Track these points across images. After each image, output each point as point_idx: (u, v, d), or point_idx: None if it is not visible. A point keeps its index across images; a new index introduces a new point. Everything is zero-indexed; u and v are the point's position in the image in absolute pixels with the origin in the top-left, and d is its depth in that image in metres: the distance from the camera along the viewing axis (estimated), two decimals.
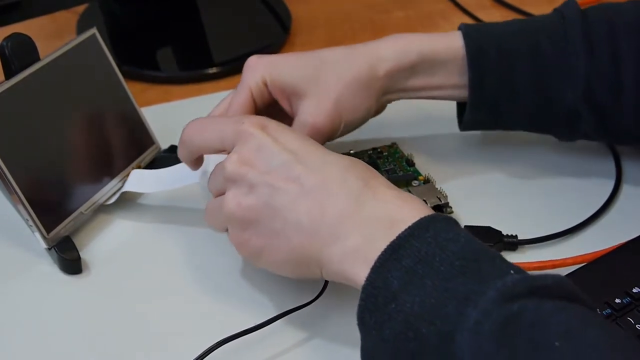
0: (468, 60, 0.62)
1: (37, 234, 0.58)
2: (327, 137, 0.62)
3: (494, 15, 0.90)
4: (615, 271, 0.58)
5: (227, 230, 0.54)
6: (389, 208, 0.49)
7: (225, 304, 0.57)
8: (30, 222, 0.58)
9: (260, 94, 0.62)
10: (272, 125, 0.53)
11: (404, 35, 0.64)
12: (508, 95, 0.63)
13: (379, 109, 0.65)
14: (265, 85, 0.62)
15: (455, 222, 0.49)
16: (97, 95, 0.64)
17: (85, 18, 0.87)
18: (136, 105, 0.67)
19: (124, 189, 0.63)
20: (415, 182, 0.64)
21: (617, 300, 0.55)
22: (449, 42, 0.63)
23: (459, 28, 0.64)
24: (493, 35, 0.63)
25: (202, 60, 0.82)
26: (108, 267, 0.60)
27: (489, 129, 0.67)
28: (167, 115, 0.74)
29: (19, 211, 0.58)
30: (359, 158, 0.66)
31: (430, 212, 0.49)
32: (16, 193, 0.57)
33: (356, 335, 0.54)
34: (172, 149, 0.68)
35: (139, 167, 0.65)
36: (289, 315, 0.54)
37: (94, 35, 0.65)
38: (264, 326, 0.53)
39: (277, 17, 0.89)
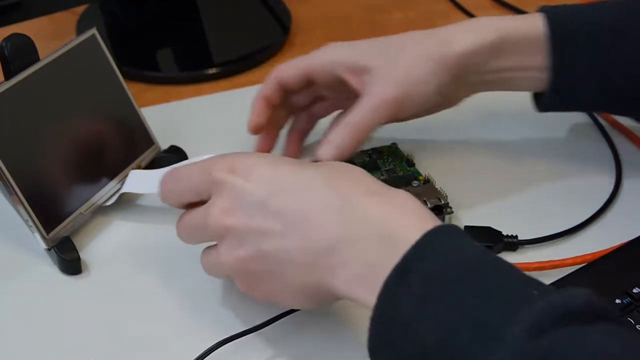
0: (551, 41, 0.60)
1: (37, 235, 0.58)
2: (394, 110, 0.60)
3: (494, 15, 0.90)
4: (615, 271, 0.58)
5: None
6: (379, 221, 0.46)
7: (225, 304, 0.57)
8: (30, 223, 0.58)
9: (323, 73, 0.63)
10: (239, 163, 0.51)
11: (482, 18, 0.63)
12: (598, 77, 0.61)
13: (455, 95, 0.63)
14: (332, 65, 0.63)
15: (460, 232, 0.45)
16: (96, 95, 0.64)
17: (85, 18, 0.87)
18: (136, 106, 0.67)
19: (123, 190, 0.63)
20: (415, 182, 0.64)
21: (617, 301, 0.55)
22: (530, 22, 0.61)
23: (540, 9, 0.63)
24: (577, 15, 0.61)
25: (202, 61, 0.82)
26: (108, 268, 0.60)
27: (571, 110, 0.66)
28: (167, 116, 0.74)
29: (18, 212, 0.58)
30: (359, 158, 0.67)
31: (425, 213, 0.46)
32: (16, 194, 0.57)
33: (356, 335, 0.54)
34: (172, 149, 0.68)
35: (139, 168, 0.65)
36: (289, 316, 0.54)
37: (93, 35, 0.65)
38: (264, 326, 0.53)
39: (276, 17, 0.88)
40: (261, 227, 0.49)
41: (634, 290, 0.55)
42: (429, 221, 0.46)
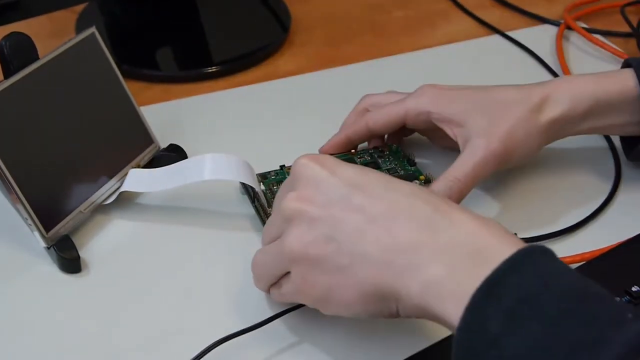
0: None
1: (36, 233, 0.58)
2: (499, 164, 0.61)
3: (494, 15, 0.90)
4: (614, 270, 0.58)
5: (274, 285, 0.52)
6: (469, 234, 0.45)
7: (222, 303, 0.57)
8: (30, 221, 0.58)
9: (415, 120, 0.64)
10: (328, 159, 0.50)
11: (577, 78, 0.64)
12: None
13: (544, 146, 0.64)
14: (427, 114, 0.63)
15: (552, 254, 0.44)
16: (96, 94, 0.64)
17: (84, 17, 0.87)
18: (135, 105, 0.67)
19: (122, 189, 0.63)
20: (416, 181, 0.64)
21: (617, 299, 0.54)
22: (623, 83, 0.62)
23: (628, 63, 0.64)
24: None
25: (202, 60, 0.82)
26: (107, 266, 0.60)
27: None
28: (167, 115, 0.74)
29: (18, 210, 0.58)
30: (361, 157, 0.67)
31: (516, 238, 0.45)
32: (15, 192, 0.57)
33: (354, 335, 0.54)
34: (172, 148, 0.68)
35: (138, 166, 0.65)
36: (286, 315, 0.54)
37: (93, 34, 0.65)
38: (262, 326, 0.53)
39: (276, 16, 0.89)
40: (338, 215, 0.47)
41: (633, 289, 0.55)
42: (519, 242, 0.45)
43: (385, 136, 0.69)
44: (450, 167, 0.61)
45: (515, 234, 0.60)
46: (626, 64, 0.64)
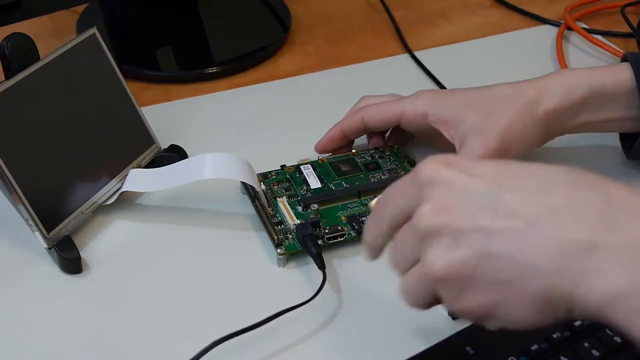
0: None
1: (38, 234, 0.58)
2: (499, 159, 0.59)
3: (494, 14, 0.90)
4: None
5: (437, 302, 0.45)
6: None
7: (222, 303, 0.57)
8: (31, 222, 0.58)
9: (412, 121, 0.64)
10: (459, 158, 0.43)
11: (571, 71, 0.63)
12: None
13: (542, 142, 0.64)
14: (423, 116, 0.63)
15: None
16: (97, 94, 0.64)
17: (85, 17, 0.87)
18: (136, 105, 0.67)
19: (123, 189, 0.63)
20: None
21: None
22: (618, 75, 0.62)
23: (625, 58, 0.63)
24: None
25: (202, 60, 0.82)
26: (108, 267, 0.60)
27: None
28: (167, 115, 0.74)
29: (19, 211, 0.58)
30: (361, 157, 0.67)
31: None
32: (16, 192, 0.57)
33: (352, 334, 0.54)
34: (172, 148, 0.68)
35: (139, 167, 0.65)
36: (285, 315, 0.54)
37: (93, 34, 0.65)
38: (261, 325, 0.53)
39: (276, 16, 0.89)
40: (489, 225, 0.40)
41: None
42: None
43: (386, 136, 0.69)
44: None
45: None
46: (624, 59, 0.64)
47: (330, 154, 0.68)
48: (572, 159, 0.69)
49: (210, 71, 0.80)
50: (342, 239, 0.60)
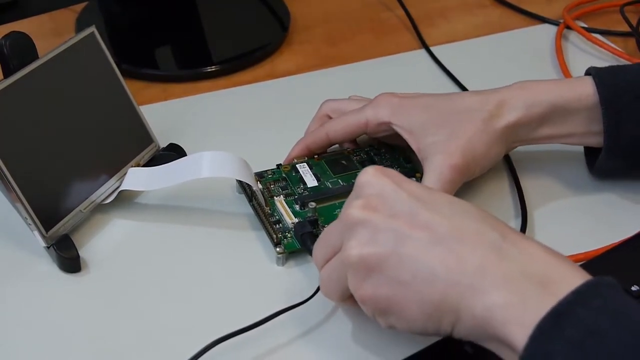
0: (602, 108, 0.61)
1: (36, 233, 0.58)
2: (464, 177, 0.61)
3: (494, 14, 0.90)
4: (614, 270, 0.58)
5: (349, 298, 0.51)
6: (538, 263, 0.45)
7: (221, 302, 0.57)
8: (29, 221, 0.58)
9: (376, 130, 0.64)
10: (394, 173, 0.50)
11: (534, 84, 0.63)
12: None
13: (504, 154, 0.65)
14: (387, 125, 0.63)
15: (617, 286, 0.44)
16: (95, 93, 0.64)
17: (84, 16, 0.87)
18: (135, 104, 0.67)
19: (121, 188, 0.63)
20: (413, 178, 0.64)
21: None
22: (580, 90, 0.62)
23: (588, 72, 0.63)
24: (626, 78, 0.62)
25: (201, 59, 0.82)
26: (107, 266, 0.60)
27: (624, 174, 0.66)
28: (166, 114, 0.74)
29: (17, 210, 0.58)
30: (357, 155, 0.67)
31: (583, 271, 0.44)
32: (15, 191, 0.57)
33: (351, 333, 0.54)
34: (171, 147, 0.68)
35: (138, 166, 0.65)
36: (284, 314, 0.54)
37: (92, 33, 0.65)
38: (260, 325, 0.53)
39: (275, 15, 0.89)
40: (403, 230, 0.47)
41: (633, 288, 0.55)
42: (586, 275, 0.44)
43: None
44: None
45: None
46: (587, 73, 0.64)
47: (326, 151, 0.68)
48: (540, 166, 0.69)
49: (209, 70, 0.80)
50: None
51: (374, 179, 0.49)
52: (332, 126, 0.66)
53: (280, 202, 0.62)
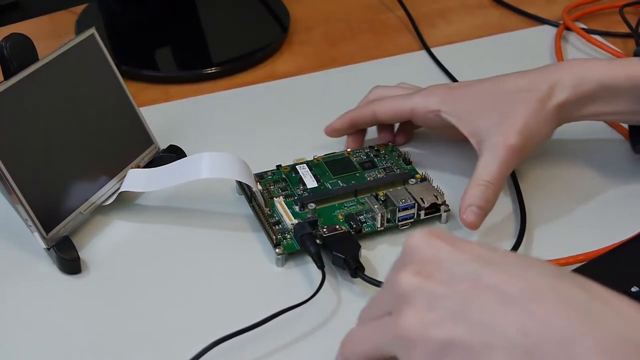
0: None
1: (36, 234, 0.58)
2: (520, 158, 0.61)
3: (494, 15, 0.90)
4: (614, 270, 0.58)
5: None
6: (635, 325, 0.38)
7: (221, 303, 0.57)
8: (30, 222, 0.58)
9: (423, 118, 0.65)
10: (446, 233, 0.44)
11: (581, 62, 0.64)
12: None
13: (552, 134, 0.65)
14: (436, 113, 0.64)
15: None
16: (95, 95, 0.64)
17: (84, 18, 0.87)
18: (135, 105, 0.67)
19: (121, 189, 0.63)
20: (412, 180, 0.64)
21: None
22: (628, 70, 0.62)
23: (636, 54, 0.64)
24: None
25: (201, 60, 0.82)
26: (107, 267, 0.60)
27: None
28: (166, 115, 0.74)
29: (17, 211, 0.58)
30: (357, 156, 0.67)
31: None
32: (15, 193, 0.57)
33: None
34: (171, 149, 0.68)
35: (138, 167, 0.65)
36: (283, 315, 0.54)
37: (92, 35, 0.65)
38: (259, 325, 0.53)
39: (275, 16, 0.89)
40: (467, 293, 0.40)
41: (633, 289, 0.55)
42: None
43: (395, 129, 0.70)
44: (477, 171, 0.60)
45: None
46: (635, 54, 0.64)
47: (324, 154, 0.68)
48: (540, 166, 0.69)
49: (209, 71, 0.80)
50: None
51: (423, 242, 0.44)
52: (380, 106, 0.67)
53: (280, 203, 0.62)
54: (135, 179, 0.64)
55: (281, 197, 0.63)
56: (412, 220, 0.61)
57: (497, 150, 0.60)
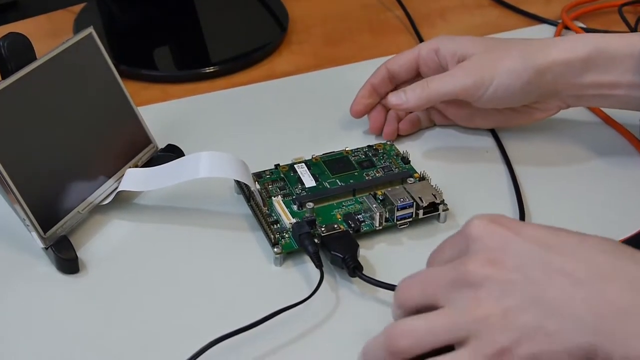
0: None
1: (34, 234, 0.58)
2: (472, 83, 0.64)
3: (492, 14, 0.90)
4: None
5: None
6: None
7: (219, 302, 0.57)
8: (27, 222, 0.58)
9: (427, 61, 0.68)
10: (507, 218, 0.46)
11: (583, 34, 0.65)
12: None
13: (548, 103, 0.66)
14: (436, 51, 0.67)
15: None
16: (94, 94, 0.64)
17: (82, 17, 0.87)
18: (133, 105, 0.67)
19: (119, 188, 0.63)
20: (411, 179, 0.64)
21: None
22: (628, 38, 0.62)
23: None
24: None
25: (199, 59, 0.82)
26: (105, 267, 0.60)
27: None
28: (164, 115, 0.74)
29: (15, 211, 0.58)
30: (355, 155, 0.67)
31: None
32: (13, 193, 0.57)
33: (349, 333, 0.54)
34: (169, 148, 0.68)
35: (136, 167, 0.65)
36: (281, 314, 0.54)
37: (90, 34, 0.65)
38: (258, 324, 0.53)
39: (274, 16, 0.89)
40: (537, 278, 0.42)
41: None
42: None
43: (409, 118, 0.71)
44: (432, 77, 0.65)
45: None
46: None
47: (323, 153, 0.67)
48: (539, 165, 0.69)
49: (208, 71, 0.80)
50: None
51: (486, 231, 0.45)
52: (389, 61, 0.70)
53: (278, 203, 0.62)
54: (134, 178, 0.64)
55: (279, 197, 0.63)
56: (410, 219, 0.61)
57: (455, 68, 0.64)
